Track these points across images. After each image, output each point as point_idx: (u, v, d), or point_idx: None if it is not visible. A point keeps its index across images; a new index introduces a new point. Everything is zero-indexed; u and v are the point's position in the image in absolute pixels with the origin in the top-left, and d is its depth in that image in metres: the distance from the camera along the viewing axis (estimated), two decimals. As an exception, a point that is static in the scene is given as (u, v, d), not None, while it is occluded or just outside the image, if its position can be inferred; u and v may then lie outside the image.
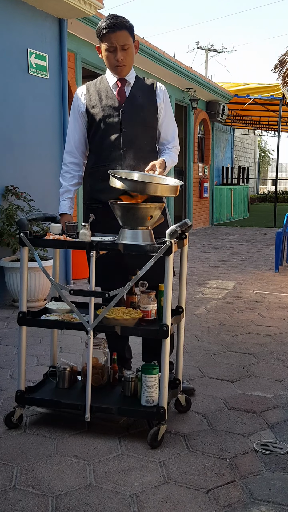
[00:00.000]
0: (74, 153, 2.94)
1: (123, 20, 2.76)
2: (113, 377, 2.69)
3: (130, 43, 2.78)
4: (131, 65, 2.86)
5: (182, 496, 2.00)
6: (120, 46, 2.76)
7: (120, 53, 2.77)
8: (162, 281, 2.43)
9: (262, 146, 35.58)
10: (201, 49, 30.80)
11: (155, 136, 2.94)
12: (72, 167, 2.94)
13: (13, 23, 5.31)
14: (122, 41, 2.75)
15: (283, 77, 8.23)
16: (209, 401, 2.87)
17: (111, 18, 2.75)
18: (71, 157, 2.94)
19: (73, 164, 2.94)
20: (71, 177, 2.93)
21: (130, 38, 2.78)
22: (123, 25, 2.74)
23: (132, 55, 2.83)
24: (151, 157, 2.83)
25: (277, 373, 3.31)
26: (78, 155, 2.94)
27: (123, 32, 2.74)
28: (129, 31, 2.77)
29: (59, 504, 1.94)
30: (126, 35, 2.76)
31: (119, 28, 2.73)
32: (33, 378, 3.09)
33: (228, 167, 17.35)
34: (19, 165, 5.45)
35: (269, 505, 1.95)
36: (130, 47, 2.80)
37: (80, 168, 2.96)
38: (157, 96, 2.90)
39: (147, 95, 2.89)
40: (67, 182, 2.92)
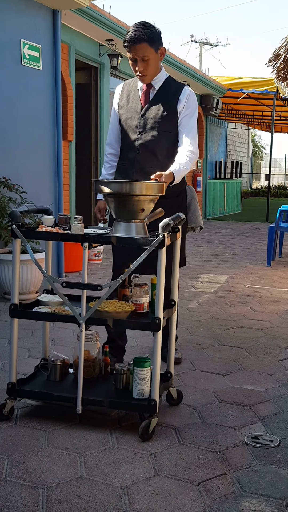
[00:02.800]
0: (113, 144, 3.15)
1: (144, 32, 2.82)
2: (105, 370, 2.69)
3: (149, 54, 2.86)
4: (154, 74, 2.95)
5: (172, 489, 2.00)
6: (140, 58, 2.86)
7: (140, 64, 2.89)
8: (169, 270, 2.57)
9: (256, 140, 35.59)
10: (195, 42, 30.74)
11: (173, 141, 3.00)
12: (111, 157, 3.16)
13: (6, 13, 5.27)
14: (141, 53, 2.85)
15: (277, 71, 8.21)
16: (200, 394, 2.87)
17: (133, 29, 2.84)
18: (110, 148, 3.16)
19: (112, 155, 3.16)
20: (110, 167, 3.16)
21: (151, 49, 2.86)
22: (142, 39, 2.82)
23: (153, 64, 2.91)
24: (166, 163, 2.92)
25: (268, 367, 3.32)
26: (117, 146, 3.14)
27: (142, 45, 2.83)
28: (150, 43, 2.84)
29: (50, 496, 1.94)
30: (145, 47, 2.84)
31: (138, 41, 2.82)
32: (25, 371, 3.09)
33: (221, 161, 17.33)
34: (12, 157, 5.42)
35: (259, 497, 1.96)
36: (151, 58, 2.88)
37: (116, 157, 3.16)
38: (179, 101, 2.97)
39: (170, 100, 2.97)
40: (106, 171, 3.17)
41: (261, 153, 37.97)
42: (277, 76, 8.40)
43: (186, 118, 2.98)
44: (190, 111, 2.98)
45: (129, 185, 2.40)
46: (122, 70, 9.21)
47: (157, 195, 2.48)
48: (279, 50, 8.17)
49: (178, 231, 2.57)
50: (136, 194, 2.39)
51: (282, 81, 8.53)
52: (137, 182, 2.43)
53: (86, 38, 8.13)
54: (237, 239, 10.27)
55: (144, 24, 2.86)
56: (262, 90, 13.17)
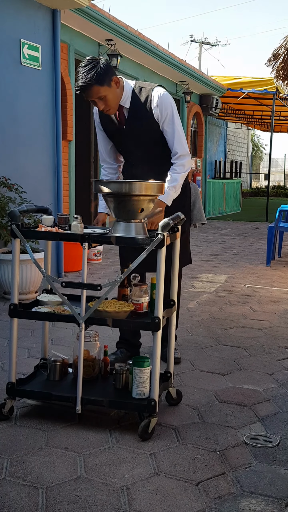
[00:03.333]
0: (107, 161, 3.21)
1: (90, 76, 2.73)
2: (105, 370, 2.69)
3: (103, 93, 2.80)
4: (117, 103, 2.90)
5: (172, 488, 2.00)
6: (96, 99, 2.82)
7: (99, 104, 2.84)
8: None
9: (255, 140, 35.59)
10: (195, 42, 30.73)
11: (164, 147, 3.01)
12: (110, 170, 3.21)
13: (5, 13, 5.27)
14: (94, 95, 2.81)
15: (277, 70, 8.21)
16: (200, 394, 2.87)
17: (80, 76, 2.76)
18: (106, 164, 3.22)
19: (110, 168, 3.21)
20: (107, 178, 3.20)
21: (103, 87, 2.78)
22: (89, 84, 2.75)
23: (112, 97, 2.85)
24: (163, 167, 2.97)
25: (268, 367, 3.32)
26: (112, 161, 3.19)
27: (92, 89, 2.77)
28: (99, 83, 2.76)
29: (49, 496, 1.94)
30: (96, 90, 2.78)
31: (87, 88, 2.77)
32: (24, 370, 3.09)
33: (221, 161, 17.34)
34: (11, 156, 5.41)
35: (259, 497, 1.96)
36: (107, 94, 2.81)
37: (117, 170, 3.21)
38: (153, 110, 2.93)
39: (144, 113, 2.94)
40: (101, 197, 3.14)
41: (261, 152, 37.98)
42: (276, 75, 8.40)
43: (166, 123, 2.95)
44: (167, 114, 2.93)
45: (128, 185, 2.40)
46: (121, 70, 9.21)
47: (157, 194, 2.48)
48: (278, 49, 8.17)
49: (177, 231, 2.57)
50: (136, 194, 2.39)
51: (281, 80, 8.52)
52: (136, 182, 2.43)
53: (86, 38, 8.13)
54: (236, 238, 10.27)
55: (88, 64, 2.75)
56: (262, 90, 13.17)
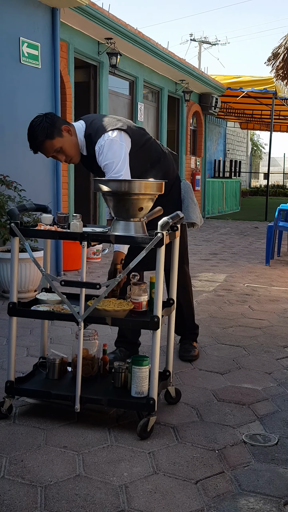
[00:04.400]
0: None
1: (35, 135, 2.75)
2: (103, 368, 2.69)
3: (57, 144, 2.80)
4: (76, 151, 2.89)
5: (171, 487, 2.01)
6: (54, 153, 2.81)
7: (59, 156, 2.85)
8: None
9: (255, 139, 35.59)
10: (194, 41, 30.69)
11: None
12: None
13: (5, 11, 5.26)
14: (50, 151, 2.81)
15: (277, 70, 8.21)
16: (198, 392, 2.88)
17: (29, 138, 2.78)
18: None
19: None
20: None
21: (56, 139, 2.78)
22: (39, 143, 2.77)
23: (69, 146, 2.84)
24: None
25: (267, 366, 3.32)
26: None
27: (44, 145, 2.78)
28: (49, 137, 2.76)
29: (48, 494, 1.94)
30: (49, 144, 2.78)
31: (40, 145, 2.77)
32: (23, 369, 3.09)
33: (220, 160, 17.33)
34: (10, 154, 5.41)
35: (258, 496, 1.96)
36: (62, 144, 2.81)
37: None
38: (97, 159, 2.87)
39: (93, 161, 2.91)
40: None
41: (260, 152, 37.97)
42: (276, 75, 8.40)
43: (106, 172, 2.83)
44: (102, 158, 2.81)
45: (127, 183, 2.40)
46: (121, 68, 9.20)
47: (156, 193, 2.48)
48: (278, 49, 8.17)
49: (177, 229, 2.57)
50: (135, 193, 2.39)
51: (281, 80, 8.52)
52: (135, 180, 2.43)
53: (85, 36, 8.12)
54: (235, 238, 10.27)
55: (33, 125, 2.78)
56: (261, 89, 13.17)
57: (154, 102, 11.63)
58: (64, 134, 2.82)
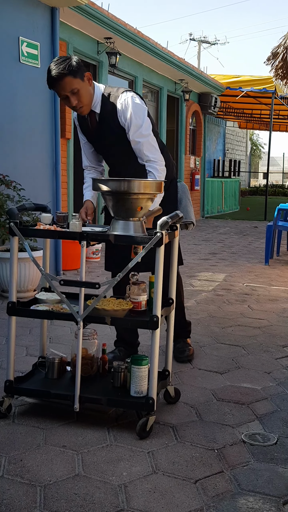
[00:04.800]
0: (89, 161, 3.18)
1: (62, 67, 2.68)
2: (103, 368, 2.69)
3: (77, 85, 2.73)
4: (89, 101, 2.84)
5: (170, 486, 2.01)
6: (69, 93, 2.74)
7: (72, 99, 2.76)
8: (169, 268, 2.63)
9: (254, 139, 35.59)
10: (193, 40, 30.70)
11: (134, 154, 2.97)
12: (91, 169, 3.19)
13: (4, 10, 5.26)
14: (67, 89, 2.73)
15: (276, 69, 8.22)
16: (198, 392, 2.88)
17: (52, 68, 2.71)
18: (88, 163, 3.20)
19: (92, 167, 3.19)
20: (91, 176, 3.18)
21: (76, 80, 2.72)
22: (63, 74, 2.68)
23: (85, 93, 2.79)
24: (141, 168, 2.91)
25: (266, 365, 3.32)
26: (93, 161, 3.17)
27: (65, 80, 2.70)
28: (73, 75, 2.70)
29: (47, 494, 1.94)
30: (69, 81, 2.70)
31: (60, 78, 2.69)
32: (22, 369, 3.09)
33: (219, 159, 17.32)
34: (10, 154, 5.41)
35: (257, 495, 1.96)
36: (80, 88, 2.75)
37: (99, 171, 3.21)
38: (119, 117, 2.85)
39: (113, 119, 2.88)
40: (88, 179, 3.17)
41: (259, 151, 37.98)
42: (275, 74, 8.41)
43: (132, 130, 2.83)
44: (129, 122, 2.82)
45: (127, 183, 2.40)
46: (120, 68, 9.20)
47: (155, 193, 2.47)
48: (277, 48, 8.17)
49: (176, 229, 2.57)
50: (134, 192, 2.39)
51: (280, 79, 8.53)
52: (135, 180, 2.43)
53: (85, 36, 8.12)
54: (235, 237, 10.28)
55: (60, 58, 2.73)
56: (261, 89, 13.16)
57: (153, 101, 11.62)
58: (85, 80, 2.78)
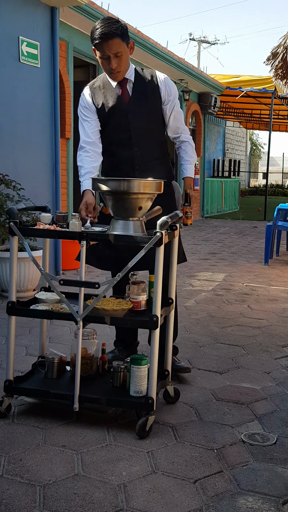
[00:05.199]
0: (95, 144, 2.91)
1: (115, 27, 2.70)
2: (102, 368, 2.69)
3: (122, 49, 2.75)
4: (127, 69, 2.85)
5: (169, 486, 2.01)
6: (113, 54, 2.74)
7: (114, 61, 2.76)
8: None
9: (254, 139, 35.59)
10: (193, 40, 30.69)
11: (163, 128, 2.99)
12: (93, 153, 2.90)
13: (4, 10, 5.25)
14: (114, 49, 2.73)
15: (276, 69, 8.21)
16: (197, 392, 2.88)
17: (102, 25, 2.70)
18: (91, 146, 2.90)
19: (94, 151, 2.91)
20: (92, 161, 2.88)
21: (123, 44, 2.75)
22: (114, 34, 2.69)
23: (126, 60, 2.81)
24: (162, 151, 2.96)
25: (266, 365, 3.32)
26: (98, 145, 2.92)
27: (114, 40, 2.71)
28: (122, 38, 2.73)
29: (47, 493, 1.94)
30: (118, 43, 2.72)
31: (110, 37, 2.69)
32: (22, 368, 3.09)
33: (219, 159, 17.32)
34: (9, 153, 5.41)
35: (256, 495, 1.97)
36: (124, 53, 2.77)
37: (100, 157, 2.94)
38: (159, 88, 2.90)
39: (150, 89, 2.89)
40: (89, 164, 2.87)
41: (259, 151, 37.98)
42: (275, 74, 8.40)
43: (171, 104, 2.93)
44: (172, 96, 2.94)
45: (127, 183, 2.40)
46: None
47: (155, 193, 2.47)
48: (277, 48, 8.17)
49: (175, 229, 2.57)
50: (134, 192, 2.39)
51: (280, 79, 8.52)
52: (135, 180, 2.43)
53: (85, 35, 8.11)
54: (234, 237, 10.28)
55: (111, 19, 2.75)
56: (260, 89, 13.16)
57: (153, 101, 11.61)
58: (129, 47, 2.82)
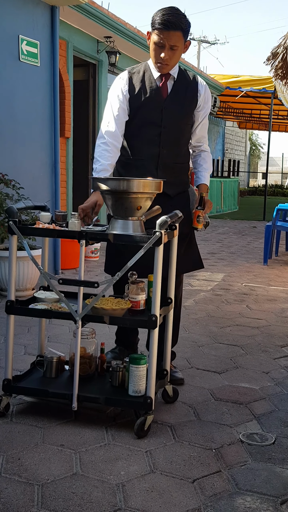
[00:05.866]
0: (117, 136, 2.79)
1: (181, 20, 2.63)
2: (101, 367, 2.69)
3: (180, 44, 2.68)
4: (175, 65, 2.78)
5: (168, 486, 2.01)
6: (169, 46, 2.66)
7: (167, 52, 2.67)
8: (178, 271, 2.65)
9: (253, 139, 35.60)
10: (193, 40, 30.70)
11: (190, 133, 2.94)
12: (113, 147, 2.79)
13: (4, 9, 5.25)
14: (173, 41, 2.65)
15: (276, 69, 8.20)
16: (196, 392, 2.88)
17: (170, 13, 2.62)
18: (112, 138, 2.78)
19: (114, 146, 2.79)
20: (110, 157, 2.78)
21: (182, 39, 2.68)
22: (179, 26, 2.62)
23: (178, 55, 2.73)
24: (185, 157, 2.92)
25: (264, 365, 3.33)
26: (119, 139, 2.81)
27: (176, 32, 2.63)
28: (183, 32, 2.66)
29: (45, 493, 1.94)
30: (178, 36, 2.65)
31: (173, 28, 2.61)
32: (21, 367, 3.09)
33: (219, 159, 17.34)
34: (9, 152, 5.40)
35: (254, 495, 1.97)
36: (179, 49, 2.69)
37: (118, 152, 2.83)
38: (199, 92, 2.85)
39: (189, 91, 2.83)
40: (106, 161, 2.76)
41: (259, 151, 37.99)
42: (275, 74, 8.39)
43: (204, 112, 2.90)
44: (208, 105, 2.91)
45: (126, 182, 2.40)
46: (120, 67, 9.19)
47: (154, 192, 2.47)
48: (277, 48, 8.16)
49: (175, 228, 2.57)
50: (134, 192, 2.39)
51: (280, 79, 8.52)
52: (134, 179, 2.43)
53: (84, 34, 8.11)
54: (234, 237, 10.28)
55: (179, 10, 2.66)
56: (260, 89, 13.17)
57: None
58: (185, 46, 2.74)
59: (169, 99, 2.79)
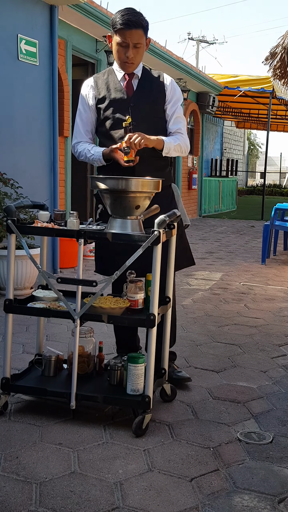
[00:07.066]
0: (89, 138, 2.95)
1: (140, 18, 2.72)
2: (99, 366, 2.70)
3: (142, 42, 2.76)
4: (139, 63, 2.84)
5: (165, 484, 2.01)
6: (133, 44, 2.73)
7: (131, 51, 2.75)
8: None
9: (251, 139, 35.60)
10: (192, 40, 30.68)
11: (164, 128, 2.93)
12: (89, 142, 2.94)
13: (3, 8, 5.24)
14: (135, 39, 2.72)
15: (274, 69, 8.21)
16: (194, 390, 2.88)
17: (129, 13, 2.71)
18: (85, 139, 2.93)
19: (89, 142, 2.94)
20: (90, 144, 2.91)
21: (144, 37, 2.76)
22: (140, 24, 2.71)
23: (142, 53, 2.80)
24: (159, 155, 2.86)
25: (262, 364, 3.33)
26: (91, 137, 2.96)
27: (138, 30, 2.71)
28: (144, 30, 2.74)
29: (43, 491, 1.94)
30: (140, 34, 2.73)
31: (135, 26, 2.69)
32: (19, 366, 3.09)
33: (217, 159, 17.33)
34: (7, 152, 5.40)
35: (252, 493, 1.97)
36: (142, 46, 2.77)
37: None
38: (165, 86, 2.89)
39: (155, 87, 2.88)
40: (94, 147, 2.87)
41: (257, 151, 38.00)
42: (273, 74, 8.40)
43: (174, 103, 2.91)
44: (176, 96, 2.92)
45: (125, 181, 2.40)
46: (118, 66, 9.19)
47: (153, 191, 2.48)
48: (275, 48, 8.16)
49: (173, 228, 2.57)
50: (132, 191, 2.39)
51: (278, 79, 8.53)
52: (133, 178, 2.43)
53: (83, 34, 8.11)
54: (232, 236, 10.29)
55: (135, 11, 2.75)
56: (259, 89, 13.17)
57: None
58: (147, 43, 2.81)
59: (135, 96, 2.85)
